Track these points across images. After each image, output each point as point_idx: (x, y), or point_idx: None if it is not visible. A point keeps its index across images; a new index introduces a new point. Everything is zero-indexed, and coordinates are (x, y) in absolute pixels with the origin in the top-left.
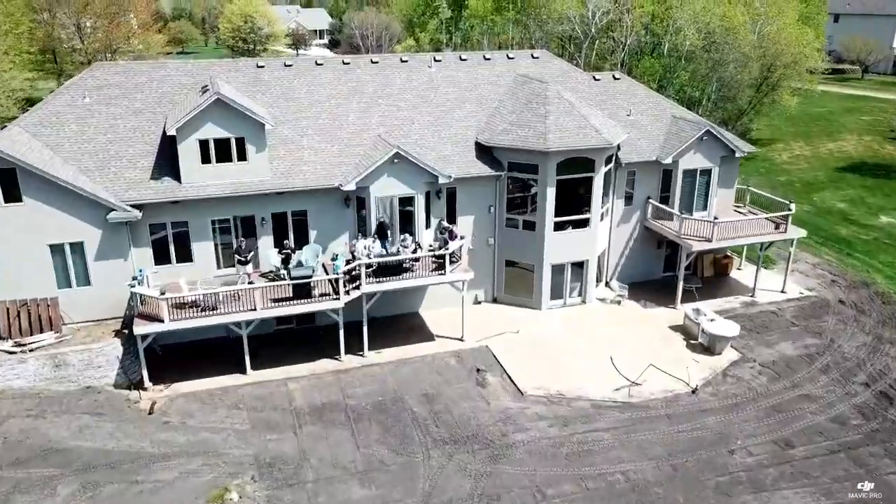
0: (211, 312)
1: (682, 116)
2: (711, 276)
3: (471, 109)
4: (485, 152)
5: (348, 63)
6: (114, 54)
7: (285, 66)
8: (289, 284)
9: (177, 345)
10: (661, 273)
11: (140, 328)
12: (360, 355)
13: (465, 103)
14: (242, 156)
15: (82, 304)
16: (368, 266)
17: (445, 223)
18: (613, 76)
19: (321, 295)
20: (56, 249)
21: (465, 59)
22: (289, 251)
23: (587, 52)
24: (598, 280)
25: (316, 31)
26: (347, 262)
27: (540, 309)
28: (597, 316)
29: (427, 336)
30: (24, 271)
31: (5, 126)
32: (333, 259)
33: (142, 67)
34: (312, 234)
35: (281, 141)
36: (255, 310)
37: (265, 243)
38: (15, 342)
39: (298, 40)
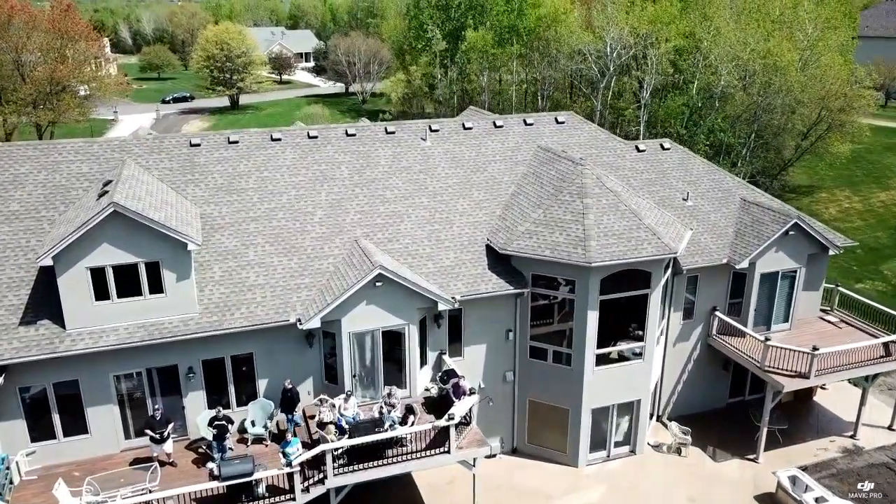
0: None
1: (756, 201)
2: (791, 400)
3: (479, 198)
4: (500, 260)
5: (315, 136)
6: (62, 92)
7: (229, 142)
8: (221, 485)
9: None
10: (727, 400)
11: None
12: None
13: (472, 189)
14: (157, 286)
15: None
16: (336, 449)
17: (448, 360)
18: (661, 145)
19: (270, 490)
20: None
21: (469, 128)
22: (223, 422)
23: (604, 93)
24: (650, 415)
25: (301, 54)
26: (312, 438)
27: (576, 466)
28: (653, 476)
29: None
30: None
31: None
32: (283, 445)
33: (25, 152)
34: (262, 384)
35: (217, 256)
36: None
37: (194, 401)
38: None
39: (282, 65)
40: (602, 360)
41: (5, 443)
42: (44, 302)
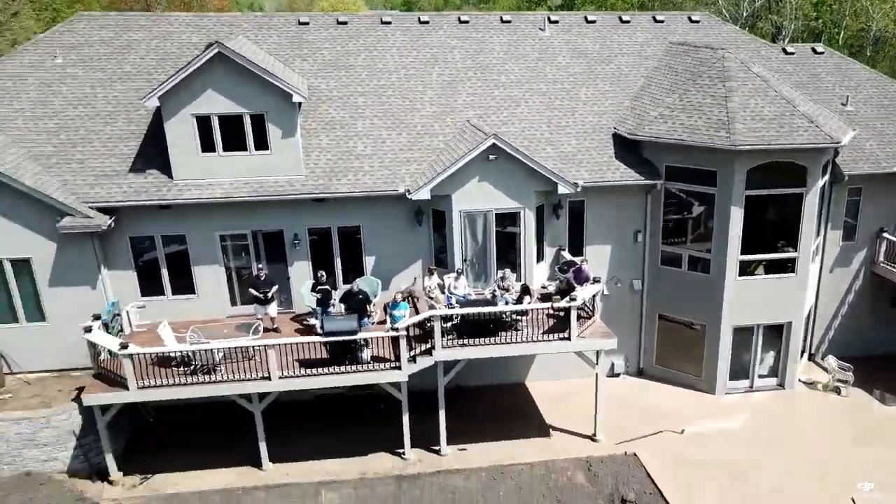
0: (205, 377)
1: None
2: None
3: (604, 88)
4: (629, 149)
5: (427, 22)
6: None
7: (338, 23)
8: (322, 342)
9: (180, 407)
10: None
11: (93, 397)
12: (436, 452)
13: (596, 80)
14: (262, 143)
15: (34, 347)
16: (447, 319)
17: (567, 255)
18: (813, 49)
19: (375, 359)
20: None
21: (592, 22)
22: (326, 288)
23: None
24: (801, 352)
25: None
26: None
27: (714, 393)
28: (806, 413)
29: (538, 427)
30: None
31: None
32: (392, 307)
33: (139, 21)
34: (369, 261)
35: (324, 124)
36: (268, 378)
37: (299, 272)
38: None
39: None
40: (746, 271)
41: (116, 292)
42: (153, 154)
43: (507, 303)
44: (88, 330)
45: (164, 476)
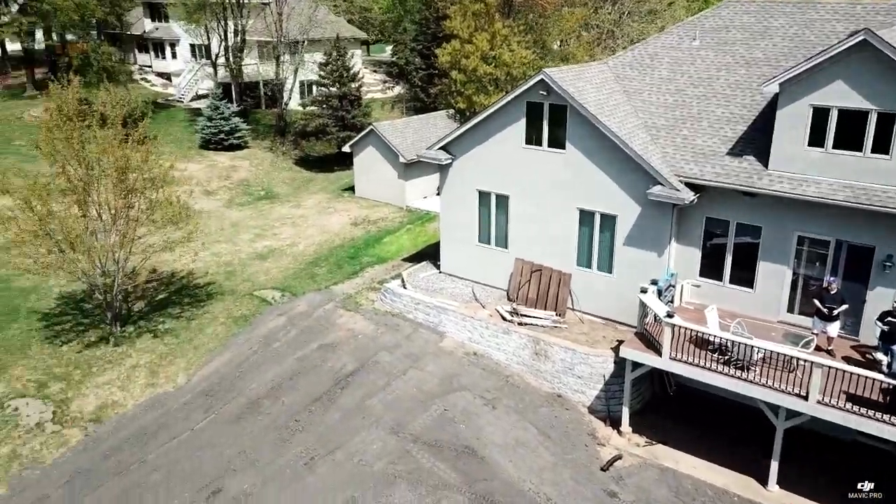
0: (735, 371)
1: None
2: None
3: None
4: None
5: None
6: None
7: None
8: (884, 384)
9: (697, 392)
10: None
11: (629, 351)
12: None
13: None
14: (883, 145)
15: (595, 292)
16: None
17: None
18: None
19: None
20: (585, 217)
21: None
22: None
23: None
24: None
25: None
26: None
27: None
28: None
29: None
30: (545, 233)
31: None
32: None
33: (784, 8)
34: None
35: None
36: (805, 397)
37: (879, 299)
38: (513, 309)
39: None
40: None
41: (677, 265)
42: (754, 140)
43: None
44: (644, 291)
45: (666, 449)
